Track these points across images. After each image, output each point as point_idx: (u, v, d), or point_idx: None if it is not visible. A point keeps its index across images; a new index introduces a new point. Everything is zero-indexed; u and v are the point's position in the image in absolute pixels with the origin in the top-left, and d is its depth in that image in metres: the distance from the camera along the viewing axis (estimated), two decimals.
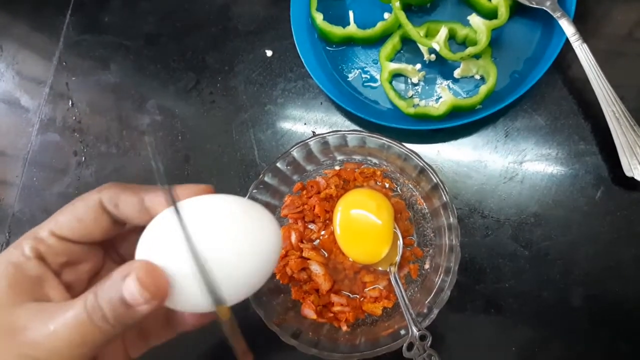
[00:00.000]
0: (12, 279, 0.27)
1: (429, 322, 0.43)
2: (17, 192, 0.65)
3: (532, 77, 0.50)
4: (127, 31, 0.67)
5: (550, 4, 0.51)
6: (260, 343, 0.53)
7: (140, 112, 0.64)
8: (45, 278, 0.28)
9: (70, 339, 0.25)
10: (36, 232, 0.29)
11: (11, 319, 0.26)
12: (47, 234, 0.29)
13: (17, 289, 0.27)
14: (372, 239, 0.48)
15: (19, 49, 0.70)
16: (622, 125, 0.47)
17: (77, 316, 0.25)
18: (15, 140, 0.67)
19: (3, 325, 0.26)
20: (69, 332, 0.25)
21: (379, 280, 0.49)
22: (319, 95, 0.59)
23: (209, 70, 0.63)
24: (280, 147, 0.59)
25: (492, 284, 0.51)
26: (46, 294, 0.28)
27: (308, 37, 0.58)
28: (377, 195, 0.49)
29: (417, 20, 0.56)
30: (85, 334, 0.25)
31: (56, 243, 0.29)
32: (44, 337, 0.25)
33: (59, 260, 0.29)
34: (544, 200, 0.52)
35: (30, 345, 0.25)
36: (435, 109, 0.52)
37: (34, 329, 0.25)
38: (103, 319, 0.25)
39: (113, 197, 0.29)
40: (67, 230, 0.29)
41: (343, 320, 0.47)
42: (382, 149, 0.48)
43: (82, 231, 0.29)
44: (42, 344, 0.25)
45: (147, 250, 0.27)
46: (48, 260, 0.28)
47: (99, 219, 0.29)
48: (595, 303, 0.49)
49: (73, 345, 0.25)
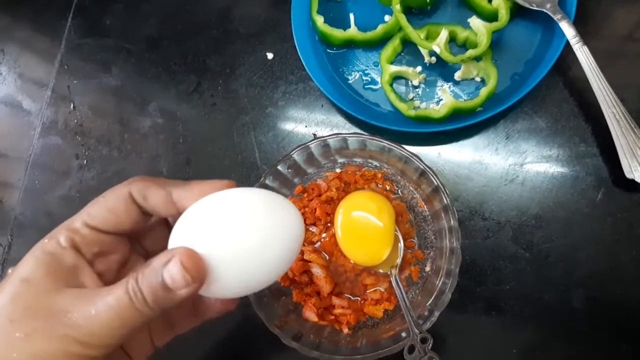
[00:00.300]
0: (50, 267, 0.28)
1: (430, 324, 0.43)
2: (19, 195, 0.65)
3: (532, 79, 0.50)
4: (128, 34, 0.67)
5: (551, 6, 0.51)
6: (261, 346, 0.54)
7: (141, 115, 0.64)
8: (80, 267, 0.30)
9: (110, 320, 0.26)
10: (70, 223, 0.30)
11: (52, 303, 0.27)
12: (81, 224, 0.30)
13: (54, 276, 0.28)
14: (373, 241, 0.48)
15: (21, 52, 0.71)
16: (622, 127, 0.48)
17: (118, 300, 0.27)
18: (17, 143, 0.67)
19: (44, 309, 0.27)
20: (109, 314, 0.26)
21: (380, 283, 0.49)
22: (319, 98, 0.59)
23: (210, 73, 0.63)
24: (281, 150, 0.59)
25: (493, 286, 0.51)
26: (81, 282, 0.29)
27: (309, 39, 0.58)
28: (378, 197, 0.49)
29: (417, 22, 0.57)
30: (125, 316, 0.27)
31: (89, 233, 0.30)
32: (85, 320, 0.26)
33: (92, 250, 0.30)
34: (544, 202, 0.52)
35: (71, 327, 0.26)
36: (436, 112, 0.52)
37: (75, 312, 0.27)
38: (143, 302, 0.27)
39: (142, 189, 0.31)
40: (99, 221, 0.30)
41: (344, 322, 0.48)
42: (382, 151, 0.48)
43: (114, 222, 0.31)
44: (83, 325, 0.26)
45: (181, 239, 0.29)
46: (82, 250, 0.30)
47: (129, 210, 0.31)
48: (596, 305, 0.49)
49: (113, 327, 0.27)
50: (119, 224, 0.31)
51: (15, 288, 0.27)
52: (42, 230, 0.29)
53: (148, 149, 0.63)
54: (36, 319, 0.27)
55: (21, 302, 0.27)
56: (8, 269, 0.63)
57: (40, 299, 0.27)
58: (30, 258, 0.29)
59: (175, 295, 0.27)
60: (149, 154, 0.63)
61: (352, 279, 0.49)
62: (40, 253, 0.29)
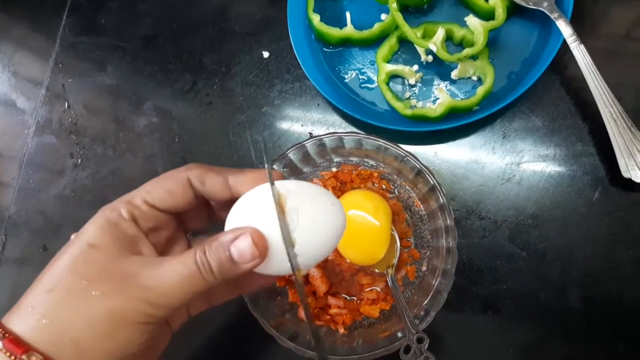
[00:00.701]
0: (115, 235, 0.31)
1: (426, 324, 0.43)
2: (13, 194, 0.65)
3: (529, 78, 0.50)
4: (123, 33, 0.67)
5: (548, 5, 0.51)
6: (257, 346, 0.53)
7: (137, 113, 0.63)
8: (139, 238, 0.33)
9: (180, 285, 0.29)
10: (130, 198, 0.33)
11: (122, 267, 0.30)
12: (141, 201, 0.33)
13: (120, 243, 0.31)
14: (370, 240, 0.48)
15: (15, 50, 0.70)
16: (619, 126, 0.47)
17: (187, 267, 0.30)
18: (12, 142, 0.67)
19: (117, 272, 0.30)
20: (179, 279, 0.29)
21: (377, 283, 0.49)
22: (315, 97, 0.59)
23: (206, 72, 0.63)
24: (277, 149, 0.59)
25: (489, 285, 0.51)
26: (141, 251, 0.32)
27: (305, 38, 0.58)
28: (375, 196, 0.49)
29: (414, 21, 0.56)
30: (192, 283, 0.30)
31: (147, 210, 0.33)
32: (156, 283, 0.29)
33: (148, 225, 0.33)
34: (541, 201, 0.51)
35: (144, 288, 0.29)
36: (433, 111, 0.52)
37: (145, 276, 0.29)
38: (210, 272, 0.30)
39: (200, 175, 0.34)
40: (158, 200, 0.33)
41: (340, 322, 0.47)
42: (379, 150, 0.48)
43: (171, 202, 0.34)
44: (155, 288, 0.29)
45: (239, 221, 0.31)
46: (140, 224, 0.33)
47: (185, 193, 0.34)
48: (593, 304, 0.49)
49: (181, 290, 0.30)
50: (175, 205, 0.34)
51: (85, 252, 0.30)
52: (37, 230, 0.29)
53: (143, 148, 0.62)
54: (111, 280, 0.29)
55: (94, 264, 0.30)
56: (1, 268, 0.63)
57: (111, 263, 0.30)
58: (94, 226, 0.31)
59: (238, 268, 0.30)
60: (144, 153, 0.62)
61: (348, 278, 0.49)
62: (105, 222, 0.31)
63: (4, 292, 0.62)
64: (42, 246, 0.62)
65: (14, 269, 0.63)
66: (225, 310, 0.54)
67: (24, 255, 0.63)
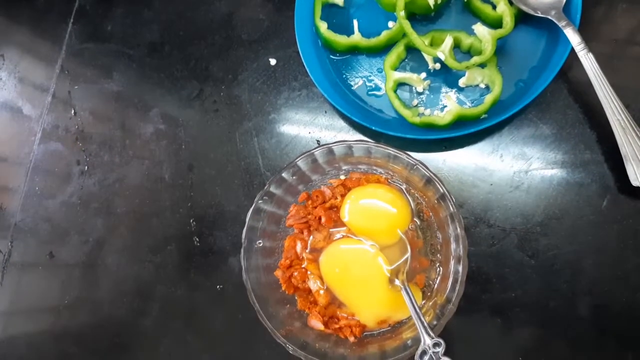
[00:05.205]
0: None
1: (436, 333, 0.43)
2: (19, 200, 0.65)
3: (537, 86, 0.50)
4: (130, 40, 0.67)
5: (556, 13, 0.51)
6: (265, 354, 0.53)
7: (143, 120, 0.63)
8: None
9: None
10: None
11: None
12: None
13: None
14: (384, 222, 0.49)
15: (22, 57, 0.70)
16: (627, 134, 0.47)
17: None
18: (18, 148, 0.67)
19: None
20: None
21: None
22: (323, 104, 0.59)
23: (213, 79, 0.63)
24: (285, 156, 0.59)
25: (498, 293, 0.51)
26: None
27: (312, 45, 0.58)
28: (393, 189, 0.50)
29: (421, 29, 0.56)
30: None
31: None
32: None
33: None
34: (550, 209, 0.51)
35: None
36: (441, 118, 0.52)
37: None
38: None
39: None
40: None
41: (349, 333, 0.47)
42: (388, 158, 0.48)
43: None
44: None
45: None
46: None
47: None
48: (602, 313, 0.49)
49: None
50: None
51: None
52: (43, 237, 0.29)
53: (150, 155, 0.62)
54: None
55: None
56: (7, 275, 0.63)
57: None
58: None
59: None
60: (150, 160, 0.62)
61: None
62: None
63: (10, 298, 0.62)
64: (48, 253, 0.62)
65: (20, 276, 0.63)
66: (232, 318, 0.54)
67: (30, 262, 0.63)
